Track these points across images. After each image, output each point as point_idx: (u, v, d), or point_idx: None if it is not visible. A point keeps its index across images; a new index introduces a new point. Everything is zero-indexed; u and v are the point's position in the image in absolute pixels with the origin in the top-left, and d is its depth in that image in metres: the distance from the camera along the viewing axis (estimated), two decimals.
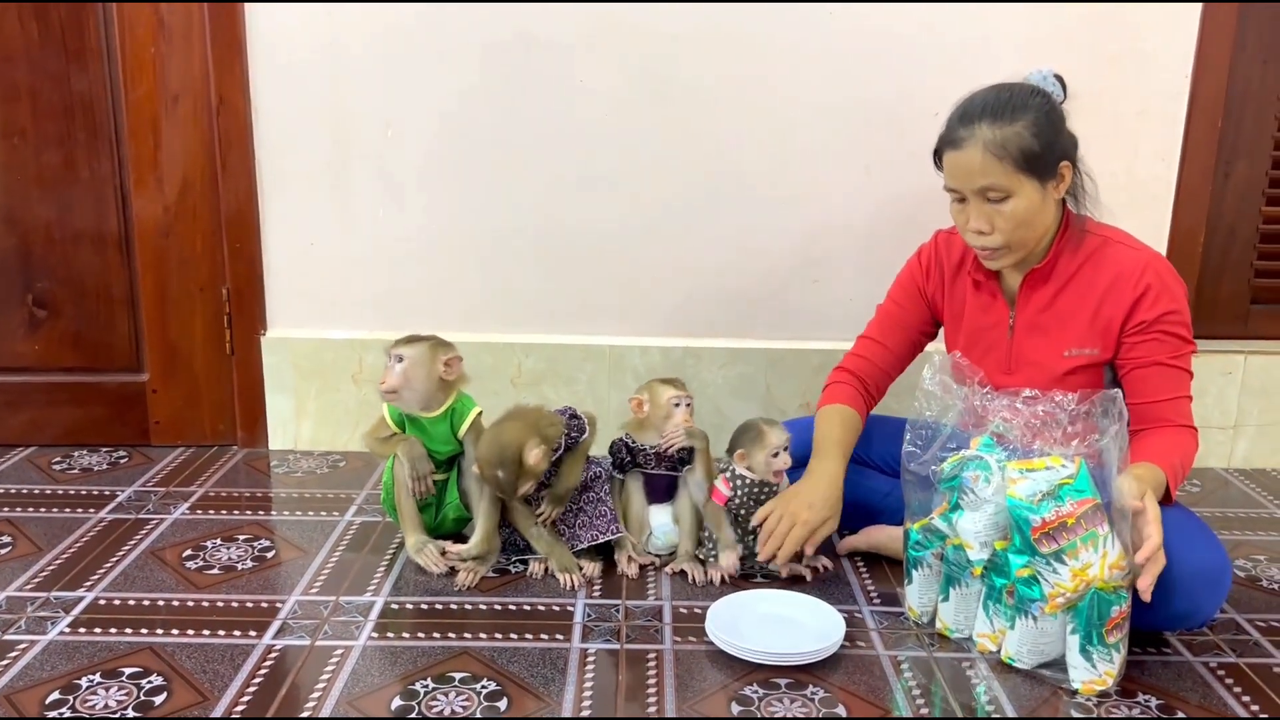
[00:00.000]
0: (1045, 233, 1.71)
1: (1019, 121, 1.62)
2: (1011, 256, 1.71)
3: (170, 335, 2.42)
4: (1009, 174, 1.62)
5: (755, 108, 2.29)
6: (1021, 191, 1.64)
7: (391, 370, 1.84)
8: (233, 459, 2.42)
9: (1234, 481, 2.41)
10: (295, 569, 1.87)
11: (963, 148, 1.64)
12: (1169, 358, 1.67)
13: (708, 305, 2.41)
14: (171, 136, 2.31)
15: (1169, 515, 1.59)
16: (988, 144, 1.62)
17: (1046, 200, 1.67)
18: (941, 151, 1.69)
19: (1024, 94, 1.65)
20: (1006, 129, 1.61)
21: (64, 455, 2.42)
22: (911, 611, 1.72)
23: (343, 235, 2.37)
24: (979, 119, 1.63)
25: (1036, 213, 1.66)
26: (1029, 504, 1.46)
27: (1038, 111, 1.63)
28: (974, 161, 1.63)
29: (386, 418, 1.90)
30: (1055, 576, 1.46)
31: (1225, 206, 2.40)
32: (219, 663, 1.56)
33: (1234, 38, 2.26)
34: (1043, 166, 1.64)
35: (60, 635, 1.63)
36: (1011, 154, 1.61)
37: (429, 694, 1.49)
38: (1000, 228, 1.66)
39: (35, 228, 2.35)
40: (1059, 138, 1.65)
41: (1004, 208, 1.65)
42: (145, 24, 2.24)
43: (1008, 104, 1.63)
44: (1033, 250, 1.72)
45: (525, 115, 2.30)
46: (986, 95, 1.67)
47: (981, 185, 1.64)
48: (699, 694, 1.50)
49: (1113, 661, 1.50)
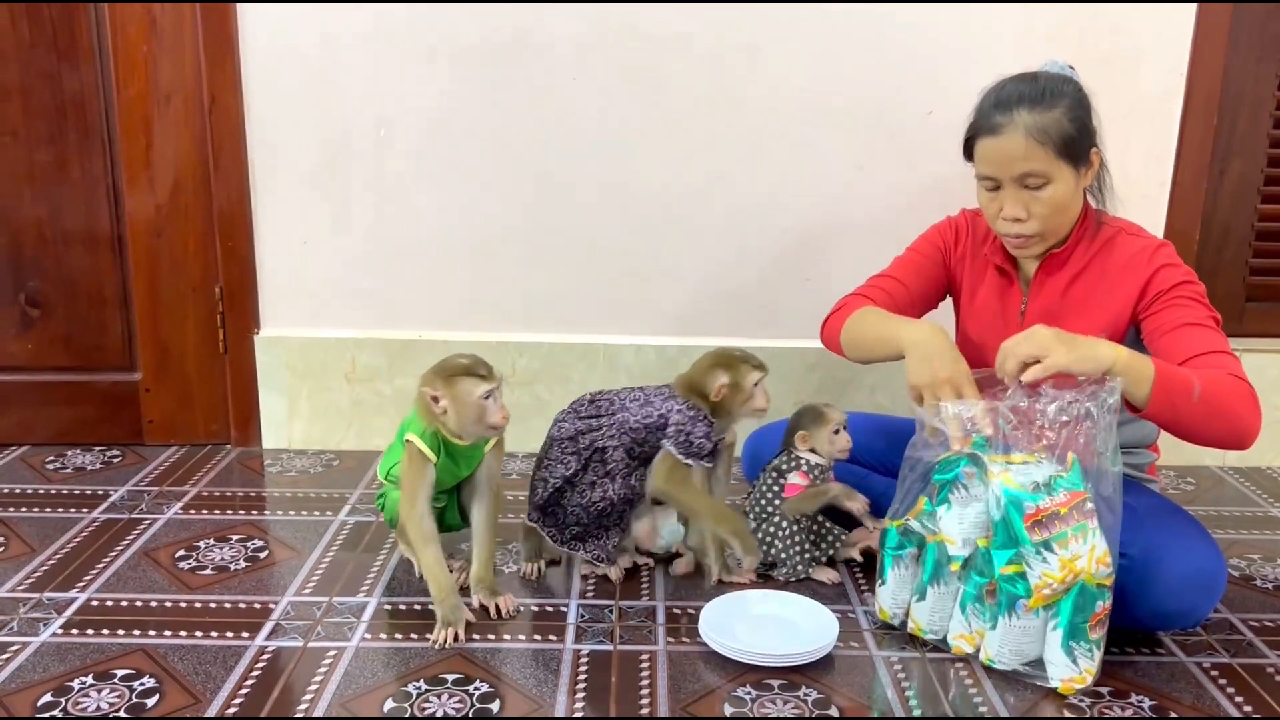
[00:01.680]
0: (1073, 220, 1.72)
1: (1057, 107, 1.62)
2: (1042, 244, 1.72)
3: (163, 334, 2.41)
4: (1050, 160, 1.63)
5: (747, 107, 2.29)
6: (1060, 177, 1.64)
7: (501, 403, 1.69)
8: (226, 458, 2.42)
9: (1229, 480, 2.42)
10: (288, 569, 1.87)
11: (1002, 134, 1.64)
12: (1197, 319, 1.62)
13: (701, 304, 2.41)
14: (163, 136, 2.30)
15: (1164, 515, 1.58)
16: (1029, 130, 1.62)
17: (1079, 186, 1.69)
18: (975, 140, 1.69)
19: (1058, 80, 1.66)
20: (1047, 114, 1.62)
21: (57, 455, 2.41)
22: (883, 613, 1.70)
23: (335, 234, 2.36)
24: (1017, 105, 1.63)
25: (1071, 198, 1.68)
26: (1024, 491, 1.46)
27: (1072, 98, 1.64)
28: (1016, 148, 1.63)
29: (423, 447, 1.67)
30: (1044, 566, 1.46)
31: (1220, 205, 2.40)
32: (211, 664, 1.56)
33: (1228, 36, 2.26)
34: (1079, 152, 1.65)
35: (53, 637, 1.63)
36: (1054, 139, 1.62)
37: (421, 695, 1.48)
38: (1036, 214, 1.67)
39: (27, 227, 2.34)
40: (1091, 123, 1.67)
41: (1042, 194, 1.65)
42: (137, 23, 2.24)
43: (1045, 90, 1.64)
44: (1060, 236, 1.73)
45: (518, 114, 2.29)
46: (1020, 83, 1.67)
47: (1022, 171, 1.64)
48: (692, 695, 1.50)
49: (1093, 659, 1.50)
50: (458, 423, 1.67)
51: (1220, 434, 1.55)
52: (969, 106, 1.68)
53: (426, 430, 1.68)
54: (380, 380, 2.43)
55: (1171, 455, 2.45)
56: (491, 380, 1.66)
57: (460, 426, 1.68)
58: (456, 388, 1.65)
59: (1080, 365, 1.45)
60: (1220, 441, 1.57)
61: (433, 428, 1.69)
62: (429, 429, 1.68)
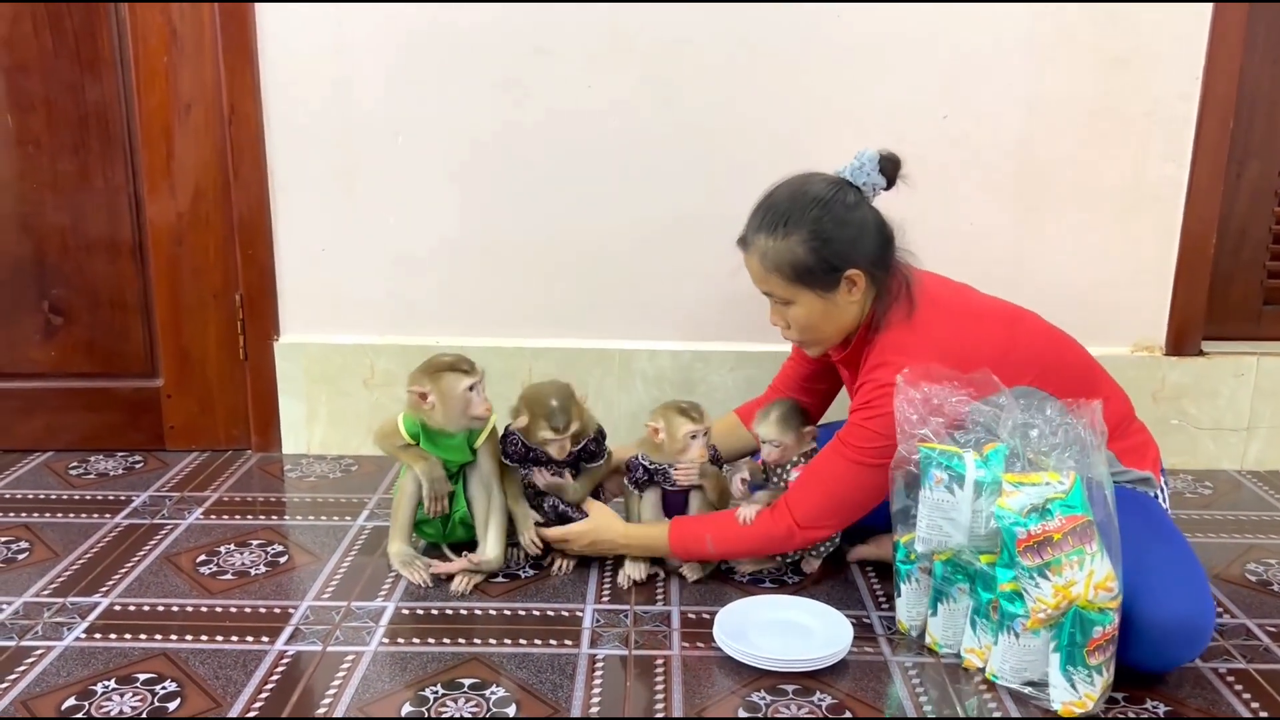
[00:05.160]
0: (843, 331, 1.74)
1: (792, 236, 1.65)
2: (815, 349, 1.80)
3: (184, 341, 2.44)
4: (784, 285, 1.68)
5: (762, 112, 2.29)
6: (800, 300, 1.69)
7: (484, 396, 1.83)
8: (246, 463, 2.44)
9: (1246, 484, 2.40)
10: (308, 574, 1.89)
11: (747, 251, 1.72)
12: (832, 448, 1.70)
13: (715, 309, 2.41)
14: (184, 144, 2.33)
15: (1145, 550, 1.53)
16: (761, 255, 1.68)
17: (833, 306, 1.69)
18: (739, 245, 1.74)
19: (805, 204, 1.66)
20: (780, 243, 1.66)
21: (80, 460, 2.44)
22: (901, 625, 1.71)
23: (354, 241, 2.39)
24: (759, 227, 1.68)
25: (820, 318, 1.71)
26: (1017, 516, 1.45)
27: (814, 224, 1.64)
28: (753, 268, 1.71)
29: (401, 428, 1.85)
30: (1038, 591, 1.45)
31: (1237, 207, 2.39)
32: (232, 668, 1.58)
33: (1244, 37, 2.25)
34: (820, 279, 1.66)
35: (76, 641, 1.65)
36: (782, 269, 1.66)
37: (438, 700, 1.50)
38: (793, 326, 1.74)
39: (50, 235, 2.37)
40: (843, 248, 1.65)
41: (788, 312, 1.72)
42: (158, 34, 2.26)
43: (785, 215, 1.66)
44: (834, 343, 1.77)
45: (534, 121, 2.31)
46: (775, 197, 1.70)
47: (764, 290, 1.72)
48: (707, 700, 1.51)
49: (1094, 684, 1.46)
50: (445, 415, 1.80)
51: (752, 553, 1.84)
52: (982, 111, 1.69)
53: (415, 421, 1.83)
54: (398, 386, 2.42)
55: (1188, 458, 2.45)
56: (474, 374, 1.79)
57: (447, 419, 1.80)
58: (442, 383, 1.77)
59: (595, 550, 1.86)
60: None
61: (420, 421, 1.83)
62: (416, 420, 1.83)
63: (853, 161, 1.70)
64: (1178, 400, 2.41)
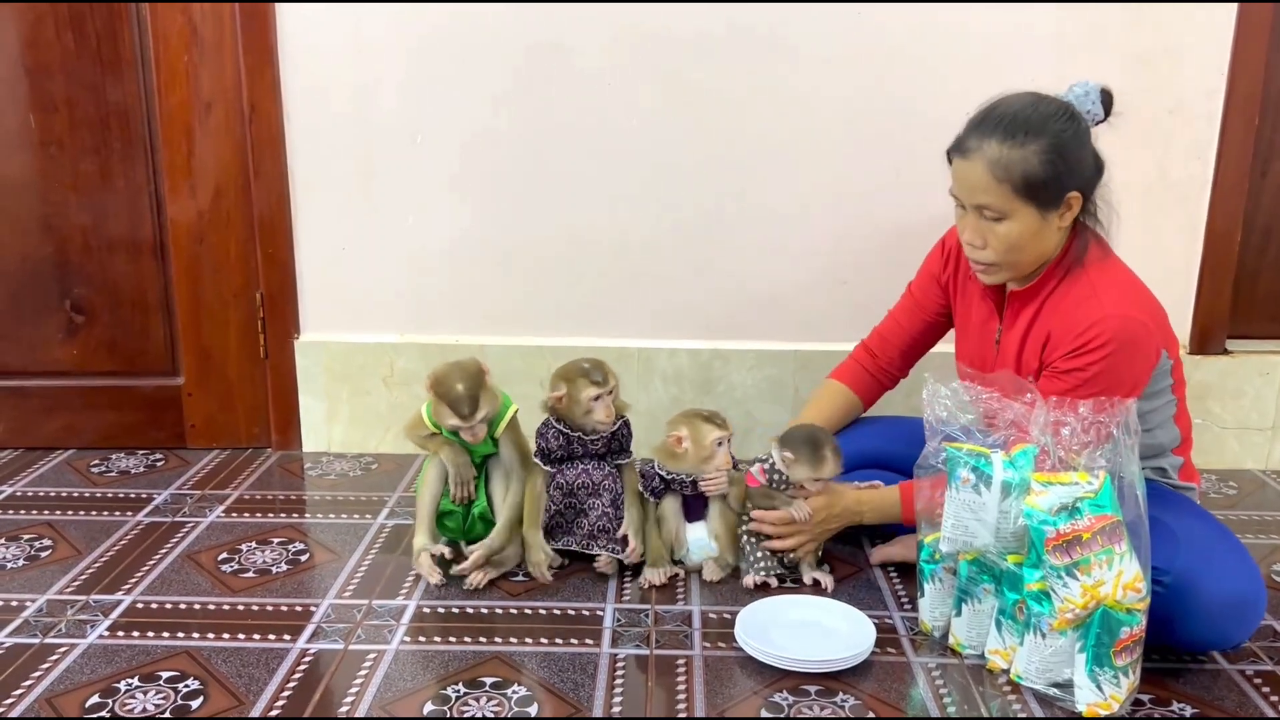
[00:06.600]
0: (1040, 258, 1.66)
1: (1031, 145, 1.56)
2: (1001, 274, 1.68)
3: (205, 340, 2.45)
4: (1007, 197, 1.58)
5: (783, 110, 2.28)
6: (1017, 216, 1.59)
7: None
8: (267, 461, 2.45)
9: (1271, 483, 2.38)
10: (329, 572, 1.89)
11: (968, 158, 1.61)
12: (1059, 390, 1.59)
13: (736, 307, 2.41)
14: (205, 144, 2.34)
15: (1200, 534, 1.55)
16: (991, 163, 1.57)
17: (1046, 228, 1.61)
18: (951, 154, 1.65)
19: (1047, 114, 1.58)
20: (1015, 150, 1.56)
21: (102, 458, 2.45)
22: (924, 625, 1.70)
23: (374, 240, 2.39)
24: (990, 134, 1.58)
25: (1031, 239, 1.61)
26: (1046, 515, 1.44)
27: (1056, 137, 1.56)
28: (977, 177, 1.59)
29: (425, 418, 1.86)
30: (1066, 590, 1.44)
31: (1262, 205, 2.37)
32: (254, 666, 1.58)
33: (1270, 35, 2.23)
34: (1047, 195, 1.58)
35: (99, 639, 1.66)
36: (1014, 178, 1.56)
37: (460, 698, 1.50)
38: (992, 245, 1.63)
39: (72, 235, 2.38)
40: (1075, 166, 1.58)
41: (998, 228, 1.61)
42: (178, 34, 2.27)
43: (1025, 123, 1.57)
44: (1024, 273, 1.68)
45: (554, 120, 2.30)
46: (1009, 106, 1.60)
47: (979, 202, 1.61)
48: (729, 700, 1.51)
49: (1120, 686, 1.45)
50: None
51: None
52: None
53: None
54: (418, 384, 2.43)
55: (1213, 459, 2.43)
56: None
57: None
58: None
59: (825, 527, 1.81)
60: None
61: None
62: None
63: (1075, 88, 1.63)
64: (1202, 400, 2.39)
